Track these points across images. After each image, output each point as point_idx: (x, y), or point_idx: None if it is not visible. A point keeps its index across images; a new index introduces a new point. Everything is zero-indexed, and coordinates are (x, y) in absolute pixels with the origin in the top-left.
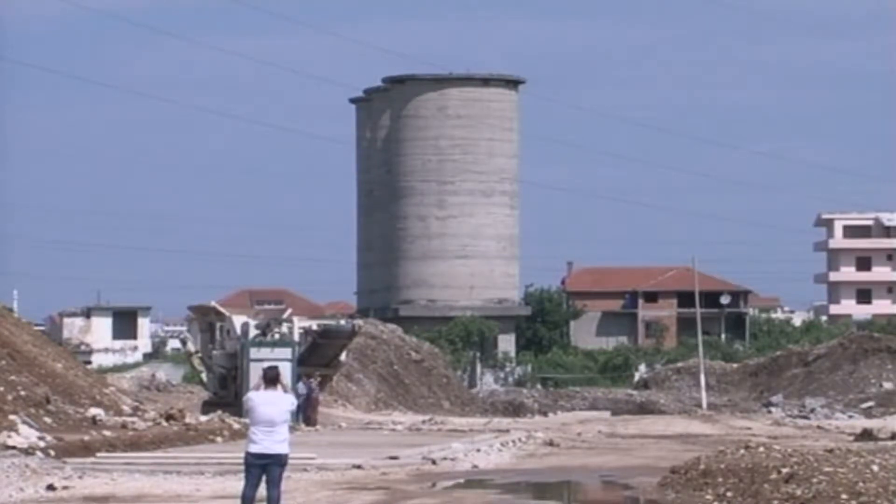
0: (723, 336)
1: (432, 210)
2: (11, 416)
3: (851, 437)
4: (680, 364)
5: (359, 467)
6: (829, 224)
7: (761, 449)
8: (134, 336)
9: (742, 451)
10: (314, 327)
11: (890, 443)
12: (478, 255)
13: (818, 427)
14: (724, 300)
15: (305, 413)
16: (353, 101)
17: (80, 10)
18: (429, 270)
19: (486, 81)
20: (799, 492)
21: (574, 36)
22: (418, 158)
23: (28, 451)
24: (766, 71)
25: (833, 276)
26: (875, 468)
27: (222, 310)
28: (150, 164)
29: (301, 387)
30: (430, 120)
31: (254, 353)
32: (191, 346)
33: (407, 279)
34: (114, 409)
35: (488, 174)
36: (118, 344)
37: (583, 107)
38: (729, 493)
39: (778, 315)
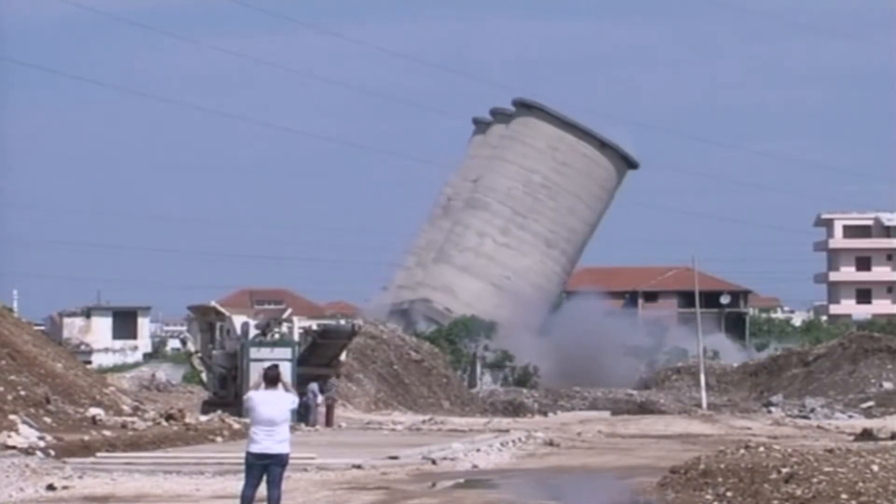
0: (722, 336)
1: (495, 233)
2: (11, 416)
3: (851, 437)
4: (680, 364)
5: (359, 467)
6: (829, 224)
7: (761, 449)
8: (134, 336)
9: (742, 451)
10: (314, 327)
11: (890, 443)
12: (512, 292)
13: (818, 427)
14: (724, 300)
15: (312, 416)
16: (475, 121)
17: (80, 10)
18: (461, 283)
19: (603, 145)
20: (799, 492)
21: (573, 36)
22: (507, 181)
23: (28, 451)
24: (766, 71)
25: (833, 276)
26: (875, 468)
27: (222, 310)
28: (150, 164)
29: (314, 387)
30: (537, 152)
31: (254, 353)
32: (191, 346)
33: (436, 281)
34: (114, 408)
35: (560, 227)
36: (118, 344)
37: (583, 107)
38: (729, 493)
39: (778, 315)
